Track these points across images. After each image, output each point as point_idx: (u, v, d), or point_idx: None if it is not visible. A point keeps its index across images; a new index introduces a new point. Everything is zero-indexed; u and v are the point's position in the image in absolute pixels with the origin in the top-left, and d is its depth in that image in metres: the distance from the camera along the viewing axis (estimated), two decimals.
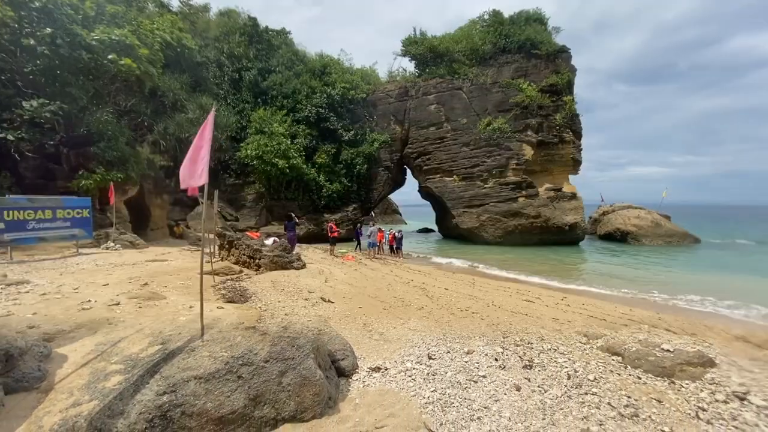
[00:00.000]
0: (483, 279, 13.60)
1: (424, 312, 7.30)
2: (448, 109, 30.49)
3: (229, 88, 31.70)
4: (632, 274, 16.72)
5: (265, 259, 10.35)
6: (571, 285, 13.84)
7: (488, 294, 10.24)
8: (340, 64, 35.27)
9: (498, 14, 32.28)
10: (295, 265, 10.64)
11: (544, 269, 17.27)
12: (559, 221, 26.86)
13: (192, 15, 36.06)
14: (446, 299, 8.83)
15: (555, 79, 28.75)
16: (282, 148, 27.11)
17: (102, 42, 15.92)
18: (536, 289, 12.02)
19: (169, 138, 26.32)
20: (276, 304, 7.08)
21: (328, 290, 8.52)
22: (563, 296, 11.01)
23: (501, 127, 28.33)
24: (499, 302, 9.10)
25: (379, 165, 31.94)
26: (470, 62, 31.30)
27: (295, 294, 7.94)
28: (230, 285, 8.78)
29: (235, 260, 10.91)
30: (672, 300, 11.88)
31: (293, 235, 13.85)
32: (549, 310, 8.69)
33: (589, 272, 17.13)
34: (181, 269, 10.16)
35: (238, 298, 7.56)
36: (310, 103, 30.54)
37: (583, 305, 9.90)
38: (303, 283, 8.97)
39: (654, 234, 29.77)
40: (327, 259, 15.74)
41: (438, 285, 11.02)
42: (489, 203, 27.92)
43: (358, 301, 7.71)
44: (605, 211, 35.40)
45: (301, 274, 10.21)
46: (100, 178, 15.05)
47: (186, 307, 6.48)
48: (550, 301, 10.02)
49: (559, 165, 28.91)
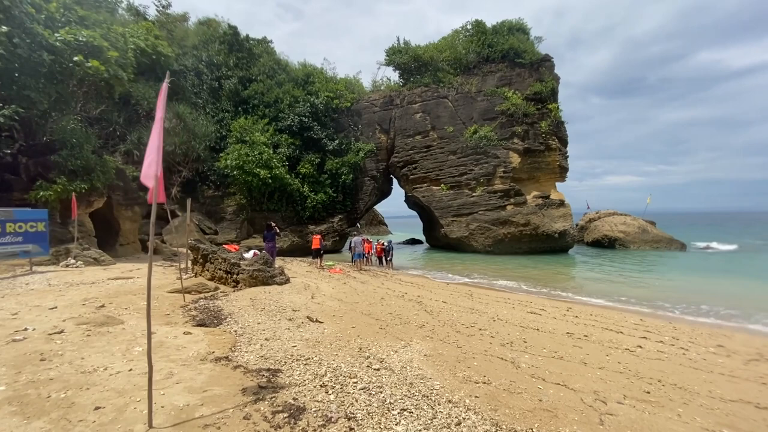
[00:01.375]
0: (479, 290, 12.82)
1: (426, 330, 6.42)
2: (433, 117, 30.13)
3: (208, 96, 30.58)
4: (628, 280, 16.27)
5: (243, 274, 9.30)
6: (570, 294, 13.21)
7: (490, 306, 9.44)
8: (324, 74, 34.66)
9: (481, 24, 32.38)
10: (278, 279, 9.62)
11: (539, 279, 16.65)
12: (548, 229, 26.52)
13: (169, 24, 35.01)
14: (447, 314, 7.98)
15: (539, 87, 28.80)
16: (264, 158, 26.04)
17: (66, 43, 14.74)
18: (537, 300, 11.31)
19: (143, 148, 24.98)
20: (255, 326, 6.08)
21: (316, 308, 7.56)
22: (568, 307, 10.32)
23: (487, 135, 28.09)
24: (504, 316, 8.30)
25: (365, 175, 31.16)
26: (454, 71, 31.20)
27: (277, 313, 6.95)
28: (203, 305, 7.72)
29: (210, 276, 9.81)
30: (675, 308, 11.35)
31: (273, 246, 12.76)
32: (559, 323, 7.93)
33: (585, 280, 16.60)
34: (143, 289, 9.00)
35: (210, 320, 6.52)
36: (292, 112, 29.68)
37: (592, 316, 9.22)
38: (287, 301, 7.98)
39: (641, 240, 29.82)
40: (313, 273, 14.71)
41: (434, 298, 10.17)
42: (478, 211, 27.41)
43: (351, 320, 6.78)
44: (591, 218, 35.50)
45: (284, 290, 9.20)
46: (61, 188, 13.72)
47: (145, 335, 5.43)
48: (556, 313, 9.29)
49: (545, 172, 28.75)
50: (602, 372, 4.73)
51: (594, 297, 12.76)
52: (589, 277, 17.34)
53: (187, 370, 4.16)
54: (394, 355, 4.91)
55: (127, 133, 24.68)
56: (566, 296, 12.88)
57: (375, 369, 4.27)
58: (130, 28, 28.48)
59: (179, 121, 25.57)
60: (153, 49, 27.46)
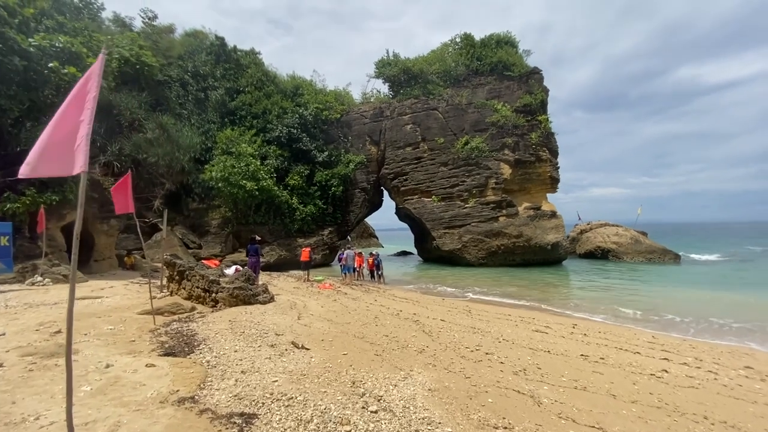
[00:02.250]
0: (477, 306, 12.15)
1: (427, 356, 5.71)
2: (424, 128, 29.86)
3: (194, 107, 29.81)
4: (628, 293, 15.80)
5: (223, 292, 8.48)
6: (572, 309, 12.63)
7: (491, 325, 8.77)
8: (313, 86, 34.32)
9: (469, 37, 32.59)
10: (261, 298, 8.81)
11: (537, 292, 16.09)
12: (540, 240, 26.14)
13: (155, 35, 34.39)
14: (447, 335, 7.28)
15: (528, 99, 28.86)
16: (250, 169, 25.24)
17: (41, 49, 13.97)
18: (540, 316, 10.68)
19: (125, 159, 24.01)
20: (231, 355, 5.30)
21: (302, 331, 6.78)
22: (573, 323, 9.71)
23: (478, 146, 27.86)
24: (509, 335, 7.64)
25: (355, 186, 30.57)
26: (444, 83, 31.15)
27: (258, 338, 6.16)
28: (175, 328, 6.88)
29: (187, 294, 8.94)
30: (684, 322, 10.85)
31: (257, 261, 11.90)
32: (569, 344, 7.30)
33: (584, 293, 16.07)
34: (115, 309, 8.11)
35: (181, 347, 5.71)
36: (281, 123, 29.09)
37: (601, 333, 8.62)
38: (270, 323, 7.19)
39: (634, 251, 29.65)
40: (300, 289, 13.87)
41: (432, 315, 9.46)
42: (470, 223, 26.94)
43: (342, 345, 6.03)
44: (582, 229, 35.36)
45: (267, 309, 8.39)
46: (30, 200, 12.74)
47: (100, 368, 4.60)
48: (562, 331, 8.67)
49: (536, 183, 28.58)
50: (637, 408, 4.08)
51: (597, 312, 12.20)
52: (588, 290, 16.84)
53: (141, 417, 3.38)
54: (393, 390, 4.18)
55: (108, 144, 23.72)
56: (568, 312, 12.29)
57: (372, 411, 3.54)
58: (115, 39, 27.89)
59: (162, 132, 24.72)
60: (137, 58, 26.76)
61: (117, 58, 25.66)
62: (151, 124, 24.98)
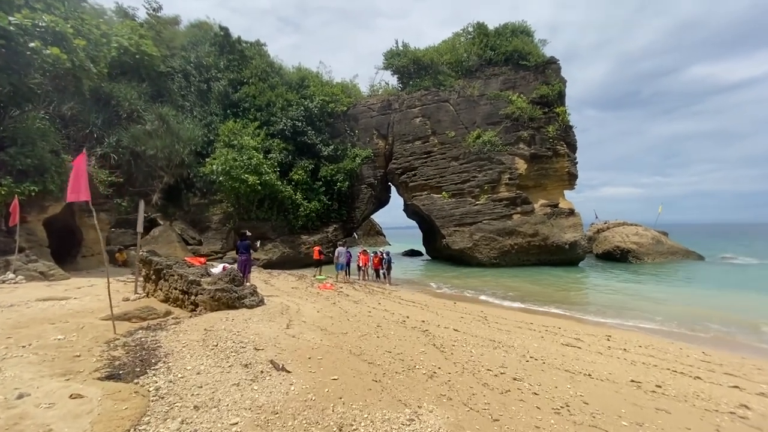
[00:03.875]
0: (493, 311, 10.89)
1: (440, 382, 4.50)
2: (434, 122, 28.54)
3: (196, 99, 28.92)
4: (658, 297, 14.36)
5: (204, 294, 7.38)
6: (600, 315, 11.29)
7: (513, 336, 7.53)
8: (319, 78, 33.17)
9: (482, 26, 31.07)
10: (248, 301, 7.69)
11: (558, 296, 14.74)
12: (558, 240, 24.67)
13: (159, 26, 33.60)
14: (463, 351, 6.06)
15: (545, 90, 27.31)
16: (253, 163, 24.22)
17: (22, 28, 13.03)
18: (566, 324, 9.38)
19: (122, 151, 23.19)
20: (191, 379, 4.16)
21: (288, 344, 5.62)
22: (606, 334, 8.40)
23: (491, 140, 26.45)
24: (536, 351, 6.40)
25: (361, 182, 29.40)
26: (456, 74, 29.73)
27: (232, 354, 5.02)
28: (139, 339, 5.79)
29: (164, 296, 7.87)
30: (731, 332, 9.46)
31: (247, 258, 10.75)
32: (611, 363, 6.03)
33: (609, 297, 14.63)
34: (77, 313, 7.06)
35: (132, 367, 4.59)
36: (285, 116, 28.02)
37: (642, 348, 7.33)
38: (252, 332, 6.05)
39: (656, 252, 27.99)
40: (299, 289, 12.76)
41: (443, 323, 8.24)
42: (482, 221, 25.57)
43: (333, 365, 4.85)
44: (600, 228, 33.69)
45: (254, 315, 7.26)
46: (5, 191, 11.82)
47: (9, 399, 3.50)
48: (596, 344, 7.39)
49: (553, 179, 27.05)
50: None
51: (628, 318, 10.85)
52: (612, 294, 15.41)
53: None
54: None
55: (106, 136, 22.91)
56: (596, 318, 10.97)
57: None
58: (115, 27, 27.08)
59: (162, 123, 23.84)
60: (137, 48, 25.92)
61: (116, 47, 24.86)
62: (150, 115, 24.13)
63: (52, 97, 19.64)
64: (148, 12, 34.20)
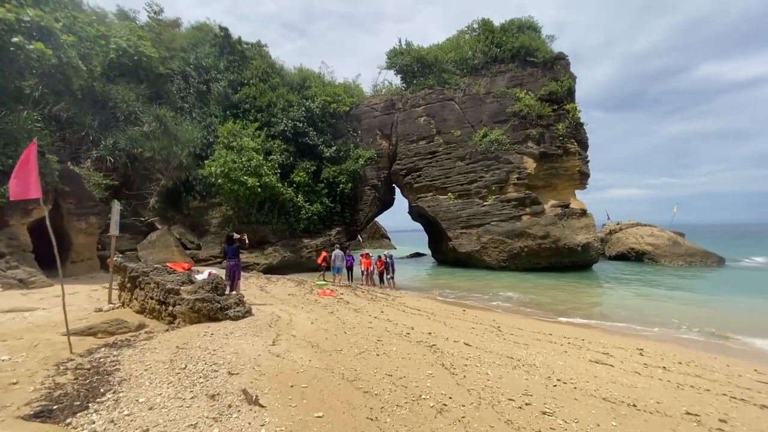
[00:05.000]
0: (507, 320, 9.94)
1: (453, 420, 3.60)
2: (439, 121, 27.68)
3: (195, 101, 28.34)
4: (685, 302, 13.31)
5: (182, 305, 6.55)
6: (623, 322, 10.29)
7: (533, 351, 6.59)
8: (321, 78, 32.49)
9: (488, 23, 30.22)
10: (232, 312, 6.83)
11: (574, 302, 13.74)
12: (570, 242, 23.59)
13: (159, 28, 33.21)
14: (477, 372, 5.15)
15: (554, 86, 26.35)
16: (253, 165, 23.50)
17: (6, 23, 12.42)
18: (589, 335, 8.41)
19: (119, 154, 22.61)
20: (139, 416, 3.31)
21: (270, 366, 4.75)
22: (638, 348, 7.43)
23: (499, 139, 25.51)
24: (563, 371, 5.46)
25: (364, 183, 28.59)
26: (461, 72, 28.89)
27: (200, 380, 4.17)
28: (97, 359, 4.95)
29: (139, 307, 7.05)
30: None
31: (236, 264, 9.87)
32: (653, 386, 5.09)
33: (631, 302, 13.58)
34: (36, 327, 6.25)
35: (74, 398, 3.75)
36: (286, 117, 27.33)
37: (682, 364, 6.36)
38: (230, 350, 5.19)
39: (673, 254, 26.78)
40: (296, 296, 11.90)
41: (452, 336, 7.33)
42: (490, 222, 24.59)
43: (319, 396, 3.97)
44: (612, 229, 32.55)
45: (237, 328, 6.41)
46: None
47: None
48: (631, 360, 6.43)
49: (564, 179, 26.01)
50: None
51: (657, 327, 9.85)
52: (633, 298, 14.35)
53: None
54: None
55: (102, 138, 22.35)
56: (620, 325, 9.97)
57: None
58: (113, 29, 26.64)
59: (159, 125, 23.24)
60: (135, 49, 25.44)
61: (114, 48, 24.39)
62: (147, 116, 23.57)
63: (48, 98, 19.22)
64: (149, 15, 33.93)
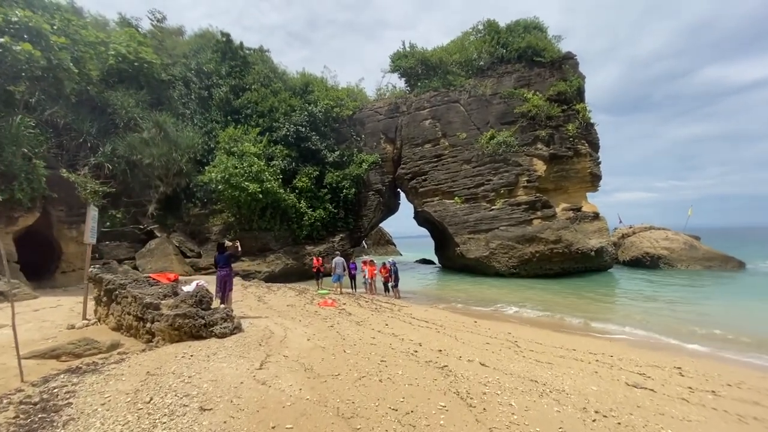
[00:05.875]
0: (523, 332, 9.08)
1: None
2: (444, 123, 27.02)
3: (197, 107, 27.98)
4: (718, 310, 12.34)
5: (161, 321, 5.82)
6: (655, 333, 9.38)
7: (557, 371, 5.76)
8: (324, 83, 32.07)
9: (493, 24, 29.63)
10: (218, 329, 6.09)
11: (593, 311, 12.83)
12: (583, 246, 22.62)
13: (162, 35, 33.07)
14: (499, 404, 4.34)
15: (563, 86, 25.59)
16: (254, 170, 22.95)
17: None
18: (617, 350, 7.54)
19: (118, 161, 22.14)
20: None
21: (252, 398, 3.99)
22: (676, 366, 6.55)
23: (507, 141, 24.72)
24: (598, 399, 4.64)
25: (369, 189, 27.94)
26: (466, 74, 28.27)
27: (161, 420, 3.42)
28: (50, 389, 4.23)
29: (115, 323, 6.35)
30: None
31: (227, 274, 9.03)
32: (711, 419, 4.24)
33: (655, 309, 12.64)
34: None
35: None
36: (288, 121, 26.82)
37: (731, 386, 5.48)
38: (207, 378, 4.44)
39: (690, 258, 25.66)
40: (295, 307, 11.15)
41: (465, 353, 6.52)
42: (499, 227, 23.72)
43: None
44: (625, 233, 31.43)
45: (222, 348, 5.66)
46: None
47: None
48: (672, 383, 5.57)
49: (575, 181, 25.12)
50: None
51: (690, 340, 8.93)
52: (658, 306, 13.39)
53: None
54: None
55: (100, 145, 21.93)
56: (647, 338, 9.07)
57: None
58: (112, 35, 26.41)
59: (159, 131, 22.79)
60: (135, 55, 25.13)
61: (113, 54, 24.10)
62: (147, 123, 23.15)
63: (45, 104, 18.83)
64: (153, 24, 33.83)
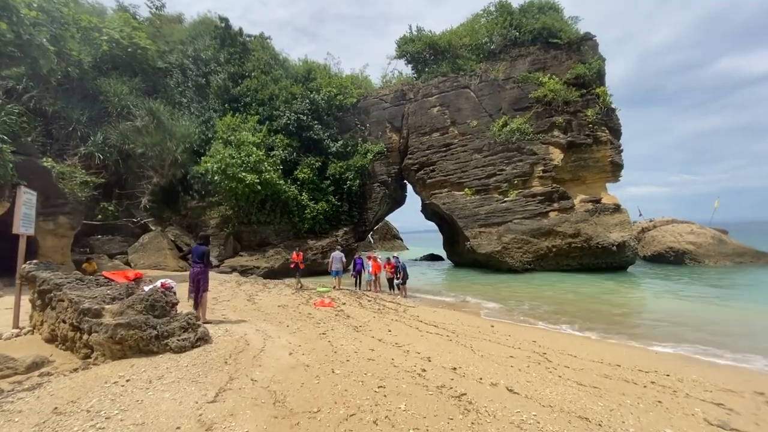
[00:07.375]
0: (551, 341, 7.68)
1: None
2: (453, 110, 25.47)
3: (194, 95, 26.83)
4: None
5: (101, 332, 4.58)
6: (717, 353, 7.92)
7: (611, 403, 4.39)
8: (327, 69, 30.63)
9: (506, 5, 27.87)
10: (173, 342, 4.82)
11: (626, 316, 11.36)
12: (603, 240, 21.03)
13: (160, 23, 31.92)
14: None
15: (581, 69, 23.84)
16: (252, 160, 21.71)
17: None
18: (673, 368, 6.11)
19: (109, 150, 21.10)
20: None
21: None
22: (758, 392, 5.13)
23: (520, 128, 23.14)
24: None
25: (374, 180, 26.55)
26: (477, 58, 26.62)
27: None
28: None
29: (49, 333, 5.13)
30: None
31: (202, 270, 7.64)
32: None
33: (706, 317, 11.02)
34: None
35: None
36: (289, 110, 25.51)
37: None
38: (134, 419, 3.16)
39: (718, 253, 23.92)
40: (287, 308, 9.90)
41: (486, 374, 5.18)
42: (512, 220, 22.22)
43: None
44: (645, 227, 29.70)
45: (173, 367, 4.39)
46: None
47: None
48: (760, 416, 4.17)
49: (594, 171, 23.45)
50: None
51: (757, 353, 7.47)
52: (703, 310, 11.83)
53: None
54: None
55: (91, 134, 20.90)
56: (706, 352, 7.62)
57: None
58: (106, 20, 25.32)
59: (152, 119, 21.66)
60: (129, 40, 23.98)
61: (106, 40, 23.00)
62: (140, 110, 22.05)
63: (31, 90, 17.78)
64: (152, 11, 32.69)
